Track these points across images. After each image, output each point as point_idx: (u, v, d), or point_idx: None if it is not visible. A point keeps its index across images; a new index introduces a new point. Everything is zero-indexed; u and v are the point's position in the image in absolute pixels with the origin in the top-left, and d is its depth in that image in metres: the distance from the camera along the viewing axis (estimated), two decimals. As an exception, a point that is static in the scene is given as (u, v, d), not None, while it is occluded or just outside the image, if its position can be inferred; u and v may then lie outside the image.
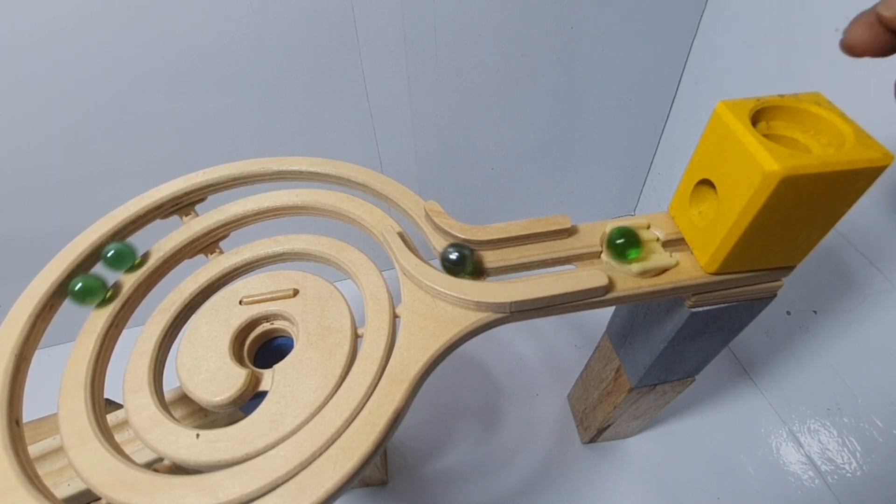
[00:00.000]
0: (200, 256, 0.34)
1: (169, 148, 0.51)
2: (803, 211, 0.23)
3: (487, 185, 0.67)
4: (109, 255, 0.28)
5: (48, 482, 0.30)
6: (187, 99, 0.48)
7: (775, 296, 0.30)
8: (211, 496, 0.21)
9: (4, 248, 0.54)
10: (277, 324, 0.30)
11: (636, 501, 0.52)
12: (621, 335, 0.41)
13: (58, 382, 0.25)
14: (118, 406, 0.32)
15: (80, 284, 0.27)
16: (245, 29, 0.44)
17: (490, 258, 0.29)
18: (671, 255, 0.28)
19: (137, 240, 0.32)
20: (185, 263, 0.33)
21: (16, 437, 0.23)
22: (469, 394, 0.61)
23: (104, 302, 0.28)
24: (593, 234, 0.30)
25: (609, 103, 0.62)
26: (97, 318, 0.28)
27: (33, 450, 0.31)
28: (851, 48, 0.19)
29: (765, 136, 0.22)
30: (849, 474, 0.49)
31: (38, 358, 0.27)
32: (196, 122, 0.50)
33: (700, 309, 0.30)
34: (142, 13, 0.41)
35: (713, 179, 0.25)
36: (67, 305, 0.29)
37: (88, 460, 0.22)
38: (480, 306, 0.27)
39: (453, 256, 0.27)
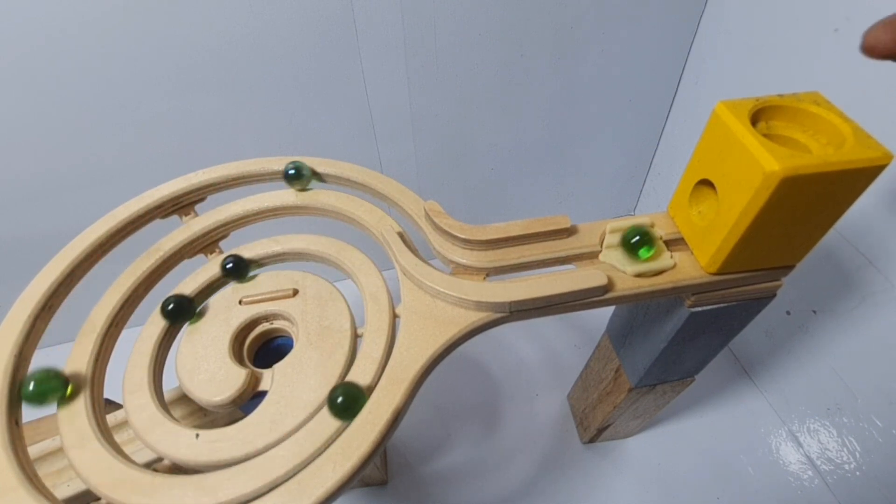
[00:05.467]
0: (200, 256, 0.34)
1: (169, 148, 0.51)
2: (803, 210, 0.23)
3: (487, 185, 0.67)
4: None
5: (48, 483, 0.30)
6: (187, 99, 0.48)
7: (775, 295, 0.30)
8: (211, 496, 0.21)
9: (4, 248, 0.54)
10: (277, 324, 0.30)
11: (636, 501, 0.52)
12: (621, 335, 0.41)
13: (57, 382, 0.25)
14: (118, 406, 0.32)
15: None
16: (245, 29, 0.44)
17: (490, 258, 0.29)
18: (671, 256, 0.28)
19: (138, 240, 0.32)
20: (185, 263, 0.33)
21: (15, 437, 0.23)
22: (469, 394, 0.61)
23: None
24: (593, 233, 0.30)
25: (609, 103, 0.62)
26: (97, 318, 0.28)
27: (33, 451, 0.31)
28: (871, 49, 0.20)
29: (764, 135, 0.22)
30: (848, 474, 0.49)
31: (38, 358, 0.27)
32: (196, 122, 0.50)
33: (700, 309, 0.30)
34: (141, 14, 0.41)
35: (713, 180, 0.25)
36: (67, 305, 0.29)
37: (88, 460, 0.22)
38: (480, 306, 0.27)
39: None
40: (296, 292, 0.30)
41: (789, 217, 0.23)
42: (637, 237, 0.27)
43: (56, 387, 0.23)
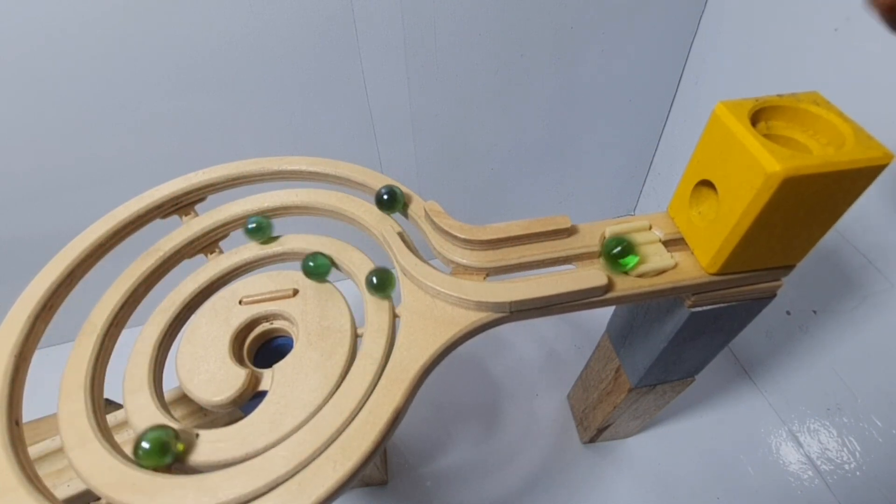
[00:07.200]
0: (200, 256, 0.34)
1: (169, 148, 0.51)
2: (804, 210, 0.23)
3: (487, 185, 0.67)
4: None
5: (48, 483, 0.30)
6: (187, 99, 0.48)
7: (775, 295, 0.30)
8: (211, 496, 0.21)
9: (4, 249, 0.54)
10: (277, 324, 0.30)
11: (636, 501, 0.52)
12: (621, 335, 0.41)
13: (58, 382, 0.25)
14: (118, 406, 0.32)
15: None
16: (245, 29, 0.44)
17: (490, 258, 0.29)
18: (671, 256, 0.28)
19: (138, 240, 0.32)
20: (185, 263, 0.33)
21: (15, 437, 0.23)
22: (469, 394, 0.61)
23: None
24: (593, 234, 0.30)
25: (609, 103, 0.62)
26: (97, 318, 0.28)
27: (33, 451, 0.31)
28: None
29: (764, 136, 0.22)
30: (848, 474, 0.49)
31: (38, 358, 0.27)
32: (196, 122, 0.50)
33: (700, 309, 0.30)
34: (141, 14, 0.41)
35: (713, 180, 0.25)
36: (67, 305, 0.29)
37: (88, 461, 0.22)
38: (480, 306, 0.27)
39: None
40: (296, 292, 0.30)
41: (790, 217, 0.23)
42: (618, 247, 0.27)
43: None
